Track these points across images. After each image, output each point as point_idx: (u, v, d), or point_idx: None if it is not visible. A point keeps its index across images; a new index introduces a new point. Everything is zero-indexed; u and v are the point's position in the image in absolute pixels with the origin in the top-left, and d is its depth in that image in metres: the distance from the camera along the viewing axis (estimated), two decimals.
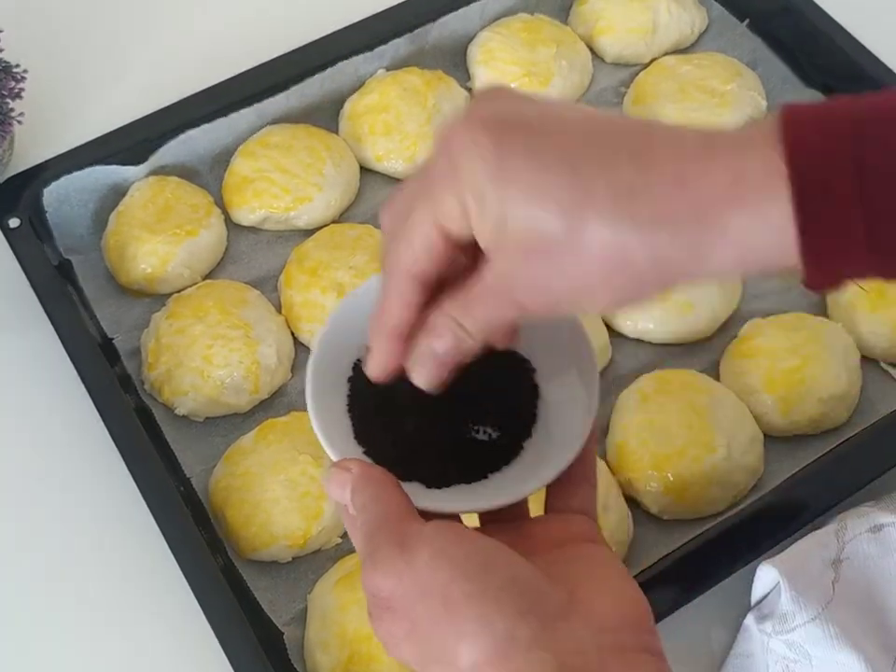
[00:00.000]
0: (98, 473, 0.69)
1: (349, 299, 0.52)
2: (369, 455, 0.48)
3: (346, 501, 0.44)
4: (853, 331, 0.73)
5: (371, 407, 0.49)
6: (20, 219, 0.75)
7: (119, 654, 0.64)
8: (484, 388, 0.50)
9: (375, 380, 0.46)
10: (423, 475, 0.48)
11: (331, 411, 0.49)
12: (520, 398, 0.51)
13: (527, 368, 0.52)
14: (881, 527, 0.61)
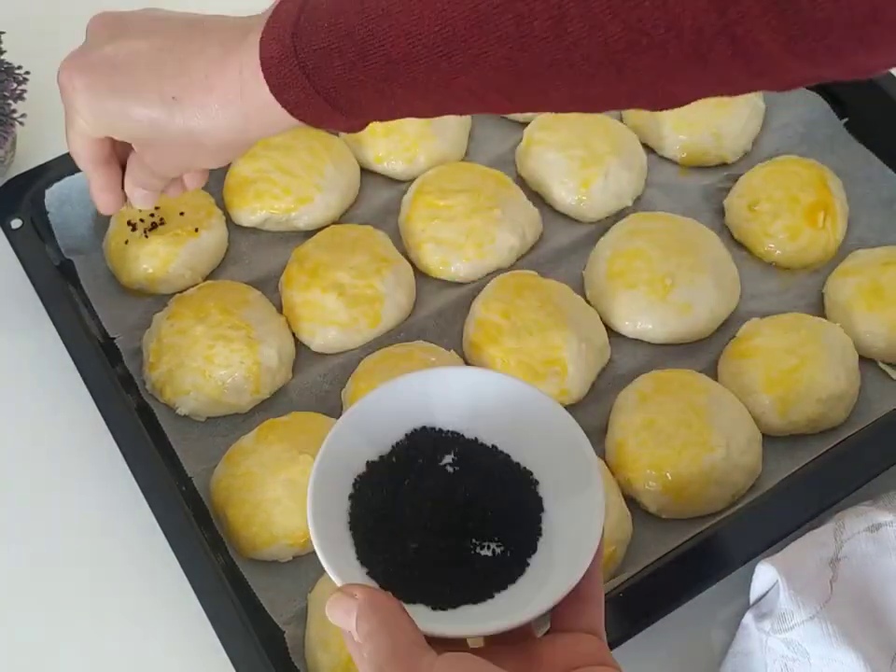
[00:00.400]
0: (100, 473, 0.69)
1: (346, 418, 0.51)
2: (372, 577, 0.47)
3: (351, 628, 0.43)
4: (851, 331, 0.73)
5: (373, 526, 0.49)
6: (21, 220, 0.75)
7: (121, 653, 0.64)
8: (487, 503, 0.49)
9: (106, 213, 0.64)
10: (428, 597, 0.47)
11: (333, 530, 0.48)
12: (524, 512, 0.50)
13: (531, 480, 0.51)
14: (879, 526, 0.61)
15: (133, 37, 0.55)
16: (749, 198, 0.79)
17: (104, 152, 0.60)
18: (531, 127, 0.83)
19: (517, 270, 0.77)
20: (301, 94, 0.49)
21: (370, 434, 0.51)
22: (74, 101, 0.56)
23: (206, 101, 0.52)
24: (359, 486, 0.50)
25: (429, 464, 0.51)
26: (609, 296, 0.74)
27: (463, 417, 0.52)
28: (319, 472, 0.48)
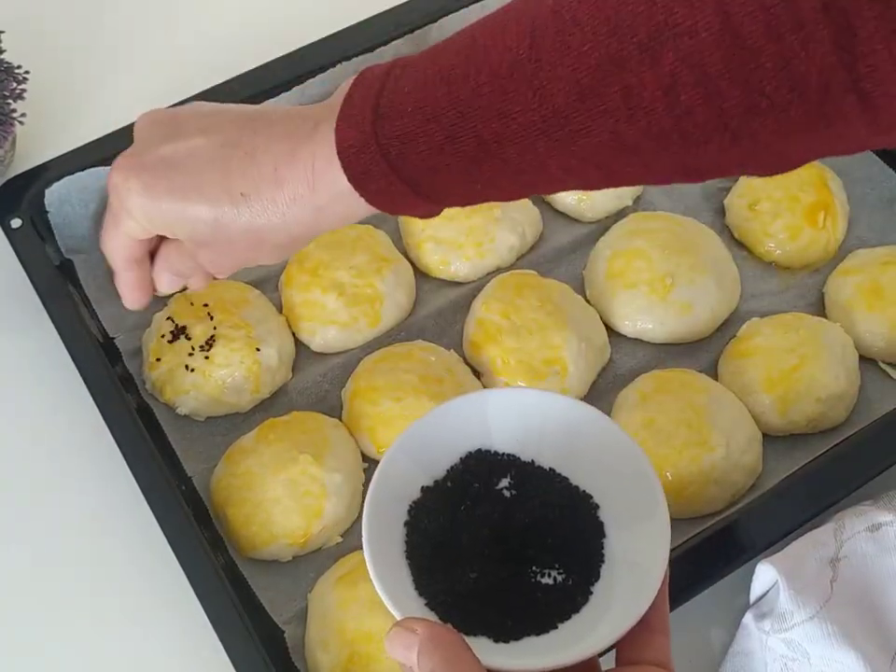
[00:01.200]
0: (99, 473, 0.69)
1: (400, 442, 0.50)
2: (430, 608, 0.46)
3: (412, 664, 0.42)
4: (851, 331, 0.73)
5: (430, 553, 0.48)
6: (21, 220, 0.75)
7: (120, 653, 0.64)
8: (547, 528, 0.48)
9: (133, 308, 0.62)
10: (489, 628, 0.45)
11: (389, 559, 0.47)
12: (585, 538, 0.49)
13: (591, 504, 0.50)
14: (879, 526, 0.62)
15: (190, 135, 0.53)
16: (749, 197, 0.79)
17: (141, 252, 0.59)
18: None
19: (517, 269, 0.77)
20: (383, 182, 0.48)
21: (424, 459, 0.49)
22: (127, 202, 0.54)
23: (276, 196, 0.51)
24: (415, 513, 0.49)
25: (486, 488, 0.50)
26: (609, 295, 0.74)
27: (519, 440, 0.51)
28: (374, 499, 0.47)
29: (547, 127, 0.43)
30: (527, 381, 0.70)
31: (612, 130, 0.42)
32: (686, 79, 0.40)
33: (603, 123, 0.42)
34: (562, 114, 0.43)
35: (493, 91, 0.44)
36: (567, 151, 0.44)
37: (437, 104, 0.45)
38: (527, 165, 0.45)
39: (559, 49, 0.42)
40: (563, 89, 0.42)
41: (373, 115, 0.47)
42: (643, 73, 0.41)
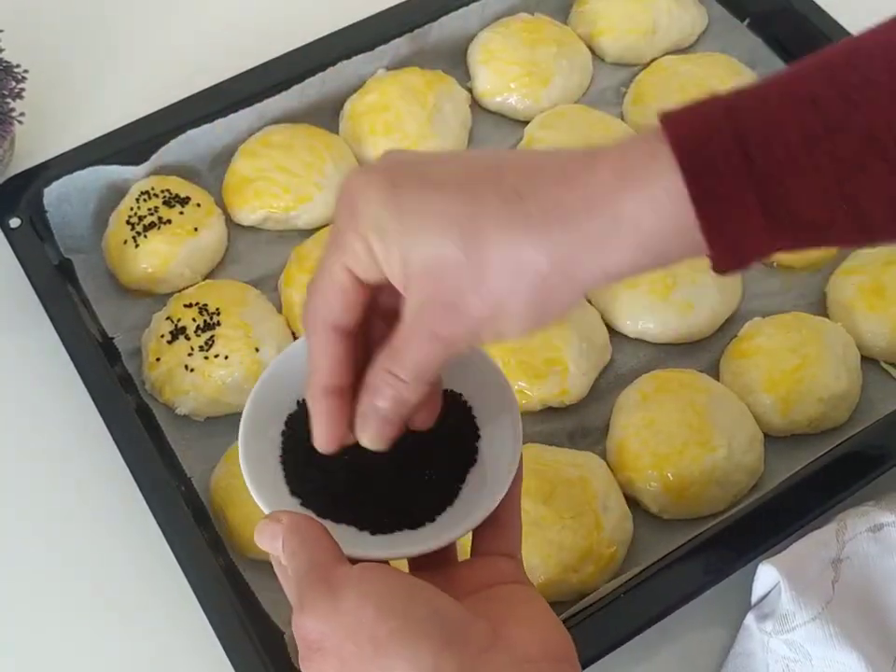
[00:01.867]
0: (99, 473, 0.69)
1: (290, 349, 0.52)
2: (305, 507, 0.48)
3: (278, 552, 0.44)
4: (853, 331, 0.73)
5: (304, 458, 0.49)
6: (20, 219, 0.75)
7: (120, 653, 0.64)
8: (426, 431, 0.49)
9: (325, 452, 0.46)
10: (358, 522, 0.48)
11: (266, 465, 0.49)
12: (461, 440, 0.50)
13: (465, 405, 0.51)
14: (881, 527, 0.61)
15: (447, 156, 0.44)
16: None
17: (355, 311, 0.42)
18: (532, 125, 0.83)
19: None
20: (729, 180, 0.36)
21: (301, 375, 0.48)
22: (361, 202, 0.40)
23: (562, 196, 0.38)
24: (290, 422, 0.50)
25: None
26: (611, 295, 0.74)
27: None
28: (252, 407, 0.49)
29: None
30: (528, 381, 0.69)
31: None
32: None
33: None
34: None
35: (892, 77, 0.36)
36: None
37: (815, 87, 0.37)
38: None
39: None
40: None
41: (725, 105, 0.38)
42: None
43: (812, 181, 0.37)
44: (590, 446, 0.70)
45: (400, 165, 0.40)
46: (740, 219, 0.37)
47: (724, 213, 0.37)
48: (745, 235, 0.38)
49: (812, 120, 0.36)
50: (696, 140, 0.37)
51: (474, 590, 0.45)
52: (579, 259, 0.38)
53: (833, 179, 0.37)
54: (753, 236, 0.38)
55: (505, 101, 0.85)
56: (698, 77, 0.83)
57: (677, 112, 0.38)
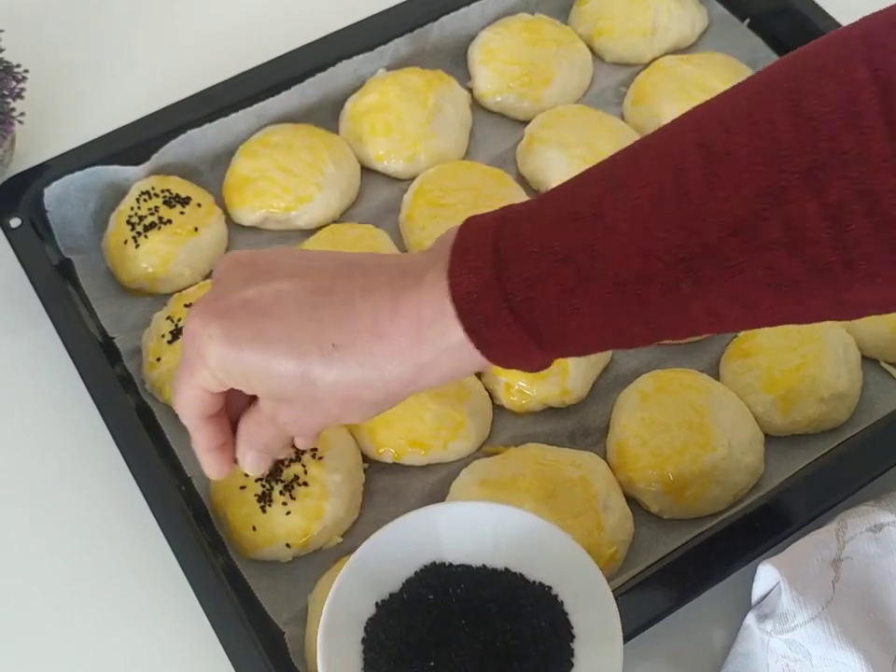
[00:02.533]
0: (99, 473, 0.69)
1: (351, 563, 0.50)
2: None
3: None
4: (853, 331, 0.73)
5: (388, 667, 0.47)
6: (20, 219, 0.75)
7: (120, 653, 0.64)
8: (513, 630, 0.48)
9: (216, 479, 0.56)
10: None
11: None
12: (554, 641, 0.48)
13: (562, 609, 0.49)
14: (881, 527, 0.61)
15: (277, 278, 0.48)
16: None
17: (216, 406, 0.53)
18: (532, 125, 0.83)
19: None
20: (504, 331, 0.44)
21: (378, 576, 0.49)
22: (205, 350, 0.48)
23: (374, 349, 0.46)
24: (371, 629, 0.48)
25: (443, 598, 0.49)
26: None
27: (476, 553, 0.50)
28: (328, 622, 0.47)
29: (695, 265, 0.40)
30: (528, 381, 0.69)
31: (770, 265, 0.40)
32: (855, 209, 0.38)
33: (760, 258, 0.40)
34: (713, 250, 0.40)
35: (632, 228, 0.41)
36: (714, 290, 0.41)
37: (567, 243, 0.43)
38: (668, 307, 0.42)
39: (708, 183, 0.40)
40: (714, 223, 0.40)
41: (494, 258, 0.44)
42: (806, 204, 0.38)
43: (573, 321, 0.44)
44: (590, 446, 0.70)
45: (235, 317, 0.48)
46: (519, 354, 0.45)
47: (506, 353, 0.45)
48: (528, 360, 0.46)
49: (568, 275, 0.43)
50: (472, 300, 0.44)
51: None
52: (395, 390, 0.47)
53: (590, 317, 0.43)
54: (535, 359, 0.46)
55: (505, 101, 0.85)
56: (698, 77, 0.83)
57: (457, 264, 0.45)
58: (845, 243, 0.39)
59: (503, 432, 0.70)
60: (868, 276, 0.40)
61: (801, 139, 0.39)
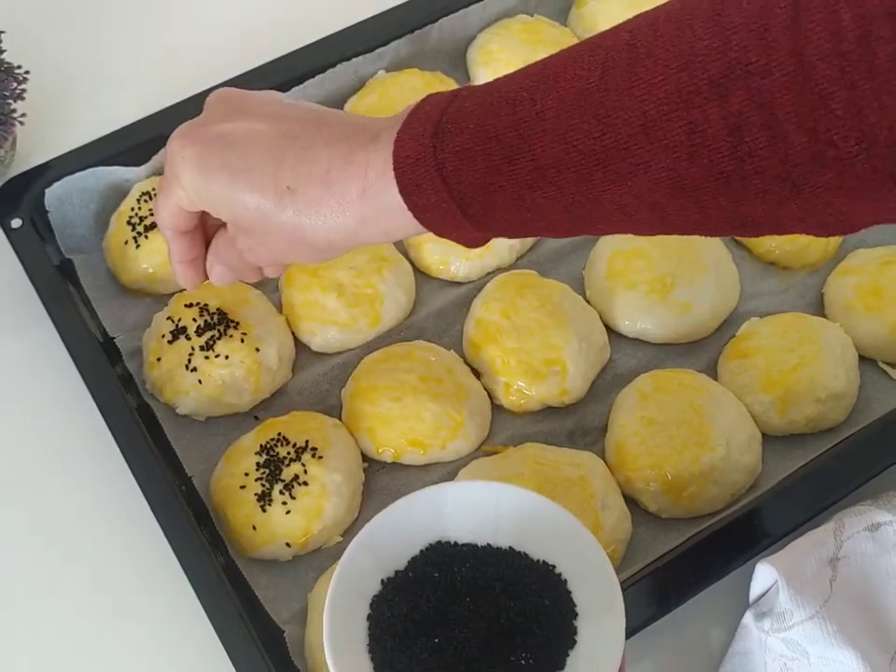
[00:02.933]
0: (99, 473, 0.69)
1: (363, 533, 0.50)
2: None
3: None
4: (851, 331, 0.73)
5: (392, 645, 0.48)
6: (21, 220, 0.75)
7: (120, 652, 0.64)
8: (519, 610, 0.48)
9: (187, 289, 0.62)
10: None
11: (350, 654, 0.47)
12: (558, 620, 0.48)
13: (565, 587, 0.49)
14: (879, 526, 0.62)
15: (254, 118, 0.52)
16: None
17: (191, 223, 0.58)
18: None
19: (517, 269, 0.77)
20: (434, 197, 0.47)
21: (383, 554, 0.50)
22: (179, 171, 0.53)
23: (323, 197, 0.50)
24: (376, 606, 0.49)
25: (448, 577, 0.49)
26: (609, 295, 0.74)
27: (481, 532, 0.51)
28: (334, 598, 0.48)
29: (606, 157, 0.43)
30: (527, 381, 0.70)
31: (672, 167, 0.42)
32: (753, 120, 0.39)
33: (664, 159, 0.42)
34: (623, 145, 0.42)
35: (557, 115, 0.44)
36: (623, 185, 0.43)
37: (499, 123, 0.45)
38: (582, 196, 0.45)
39: (629, 80, 0.42)
40: (627, 119, 0.42)
41: (434, 129, 0.47)
42: (710, 110, 0.40)
43: (497, 197, 0.46)
44: (589, 446, 0.70)
45: (208, 146, 0.53)
46: (450, 224, 0.49)
47: (437, 220, 0.49)
48: (460, 231, 0.49)
49: (495, 153, 0.45)
50: (409, 165, 0.47)
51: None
52: (338, 239, 0.51)
53: (513, 195, 0.46)
54: (466, 231, 0.49)
55: None
56: None
57: (404, 130, 0.48)
58: (741, 153, 0.40)
59: (502, 432, 0.71)
60: (760, 192, 0.41)
61: (714, 47, 0.40)
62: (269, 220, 0.51)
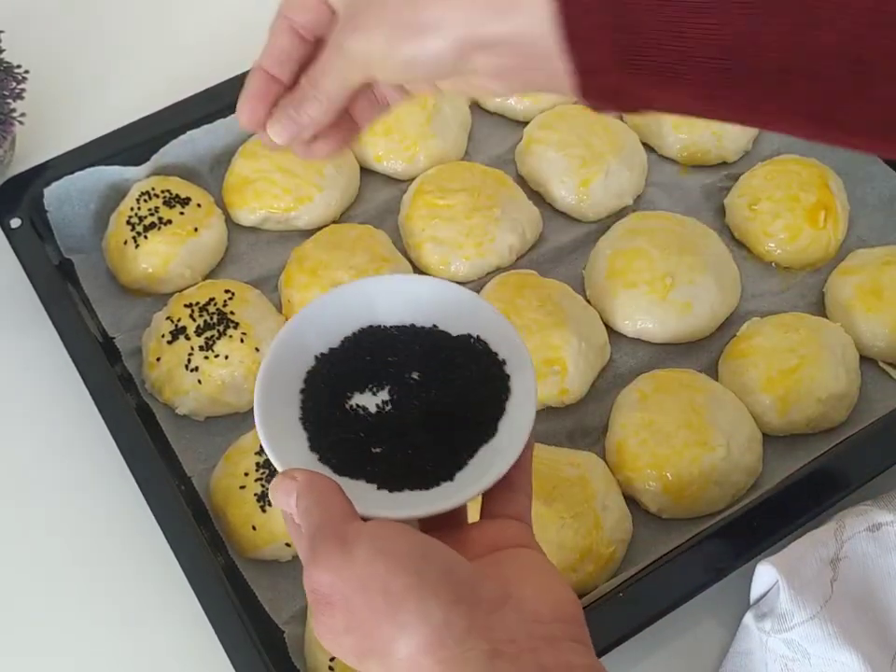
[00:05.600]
0: (99, 473, 0.69)
1: (306, 310, 0.52)
2: (322, 462, 0.48)
3: (292, 509, 0.44)
4: (851, 331, 0.73)
5: (324, 415, 0.50)
6: (21, 219, 0.75)
7: (120, 652, 0.64)
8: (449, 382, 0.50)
9: (243, 125, 0.51)
10: (371, 479, 0.48)
11: (284, 423, 0.49)
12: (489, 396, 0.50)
13: (497, 358, 0.51)
14: (879, 526, 0.61)
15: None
16: (749, 197, 0.79)
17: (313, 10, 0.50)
18: (531, 126, 0.83)
19: (517, 269, 0.77)
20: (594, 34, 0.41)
21: (319, 333, 0.52)
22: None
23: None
24: (310, 379, 0.51)
25: (379, 355, 0.52)
26: (610, 295, 0.74)
27: (406, 316, 0.53)
28: (267, 368, 0.49)
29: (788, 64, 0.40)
30: None
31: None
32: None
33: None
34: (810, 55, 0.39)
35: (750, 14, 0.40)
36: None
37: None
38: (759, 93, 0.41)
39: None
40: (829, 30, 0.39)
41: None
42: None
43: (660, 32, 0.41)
44: (589, 446, 0.70)
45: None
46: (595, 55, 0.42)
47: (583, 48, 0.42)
48: (599, 76, 0.43)
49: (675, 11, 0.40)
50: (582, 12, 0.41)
51: (484, 552, 0.45)
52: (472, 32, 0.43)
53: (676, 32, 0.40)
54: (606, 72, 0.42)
55: (504, 101, 0.85)
56: None
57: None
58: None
59: None
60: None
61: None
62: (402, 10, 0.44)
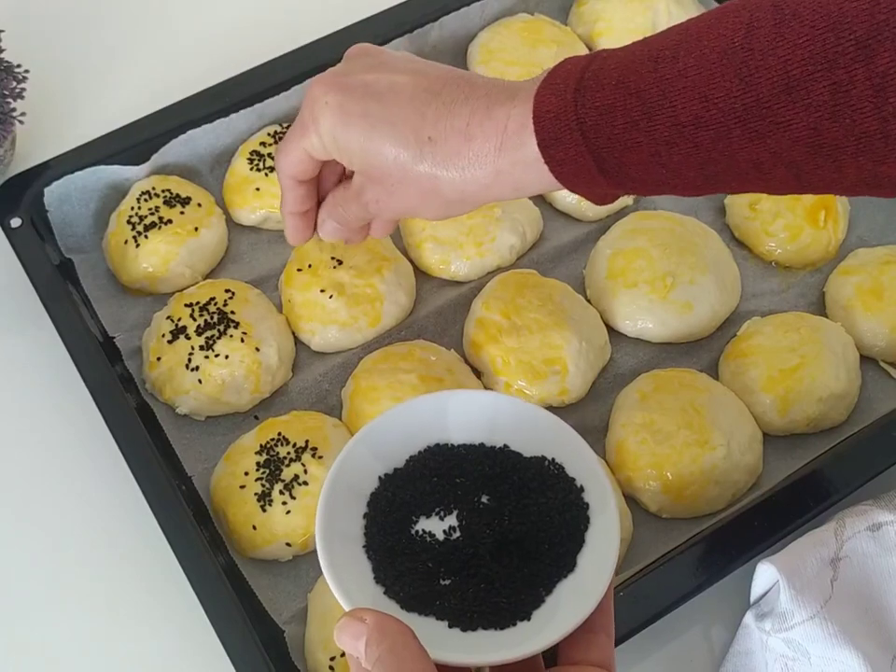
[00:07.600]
0: (99, 472, 0.69)
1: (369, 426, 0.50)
2: (388, 597, 0.46)
3: (359, 654, 0.41)
4: (852, 330, 0.73)
5: (389, 544, 0.47)
6: (21, 219, 0.75)
7: (121, 652, 0.64)
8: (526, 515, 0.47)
9: (294, 244, 0.63)
10: (441, 615, 0.45)
11: (346, 552, 0.46)
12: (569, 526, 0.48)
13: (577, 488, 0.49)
14: (880, 526, 0.62)
15: (396, 72, 0.54)
16: (749, 197, 0.79)
17: (312, 173, 0.59)
18: None
19: (517, 269, 0.77)
20: (571, 151, 0.48)
21: (382, 452, 0.49)
22: (319, 116, 0.55)
23: (461, 149, 0.51)
24: (373, 503, 0.48)
25: (447, 479, 0.49)
26: (610, 295, 0.74)
27: (475, 435, 0.51)
28: (329, 492, 0.47)
29: (747, 116, 0.44)
30: (528, 381, 0.70)
31: (814, 126, 0.43)
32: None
33: (805, 118, 0.43)
34: (764, 104, 0.43)
35: (699, 73, 0.45)
36: (761, 144, 0.44)
37: (640, 80, 0.47)
38: (718, 154, 0.46)
39: (773, 40, 0.43)
40: (770, 79, 0.43)
41: (576, 85, 0.48)
42: (855, 70, 0.41)
43: (634, 153, 0.47)
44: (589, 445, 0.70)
45: (351, 92, 0.54)
46: (584, 178, 0.50)
47: (572, 174, 0.50)
48: (592, 187, 0.51)
49: (636, 108, 0.46)
50: (550, 119, 0.48)
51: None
52: (471, 192, 0.53)
53: (649, 152, 0.47)
54: (598, 187, 0.50)
55: None
56: None
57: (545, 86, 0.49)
58: (885, 113, 0.41)
59: None
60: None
61: (863, 8, 0.41)
62: (405, 171, 0.53)
